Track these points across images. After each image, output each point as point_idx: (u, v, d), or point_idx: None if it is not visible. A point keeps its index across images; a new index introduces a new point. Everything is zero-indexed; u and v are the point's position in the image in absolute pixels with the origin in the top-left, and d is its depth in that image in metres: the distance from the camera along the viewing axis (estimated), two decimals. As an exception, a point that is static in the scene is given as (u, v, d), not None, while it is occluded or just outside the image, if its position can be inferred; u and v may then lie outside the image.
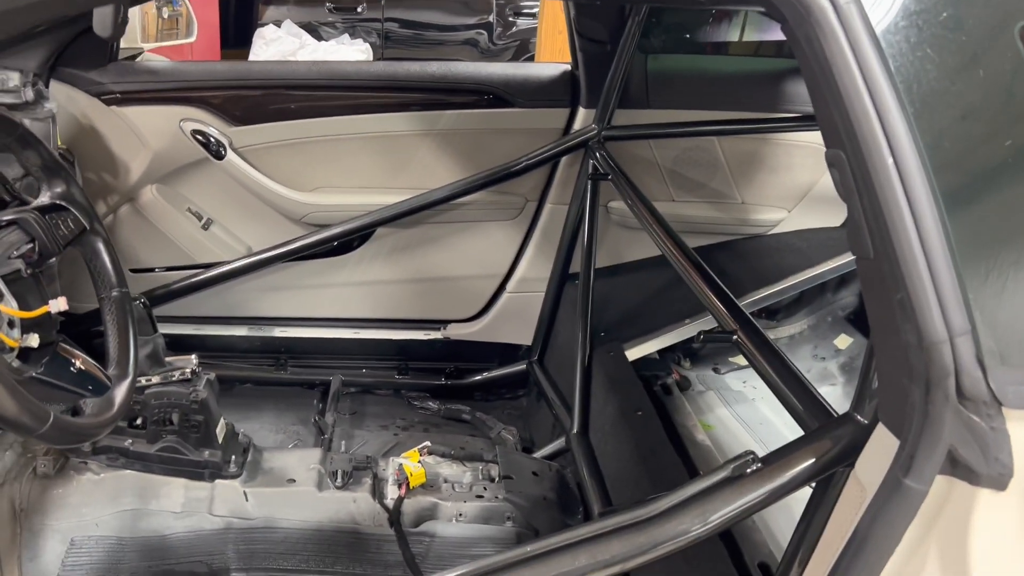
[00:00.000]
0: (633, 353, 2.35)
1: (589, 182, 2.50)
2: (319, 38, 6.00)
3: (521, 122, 2.60)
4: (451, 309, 2.91)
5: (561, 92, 2.61)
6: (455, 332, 2.90)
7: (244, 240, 2.71)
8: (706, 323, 2.44)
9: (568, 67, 2.64)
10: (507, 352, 2.93)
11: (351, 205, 2.64)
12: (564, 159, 2.63)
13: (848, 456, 1.04)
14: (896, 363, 0.93)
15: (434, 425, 2.77)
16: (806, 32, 0.91)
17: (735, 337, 1.40)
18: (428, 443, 2.12)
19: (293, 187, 2.63)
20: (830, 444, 1.05)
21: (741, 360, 2.83)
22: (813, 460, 1.05)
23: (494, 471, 2.05)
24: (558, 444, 2.26)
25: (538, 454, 2.27)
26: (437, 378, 2.92)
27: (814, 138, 2.63)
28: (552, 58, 5.17)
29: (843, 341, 2.71)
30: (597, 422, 2.16)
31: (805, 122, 2.54)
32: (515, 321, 2.86)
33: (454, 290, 2.86)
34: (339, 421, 2.66)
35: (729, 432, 2.33)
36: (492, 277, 2.85)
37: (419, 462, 1.99)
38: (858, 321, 2.73)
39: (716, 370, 2.76)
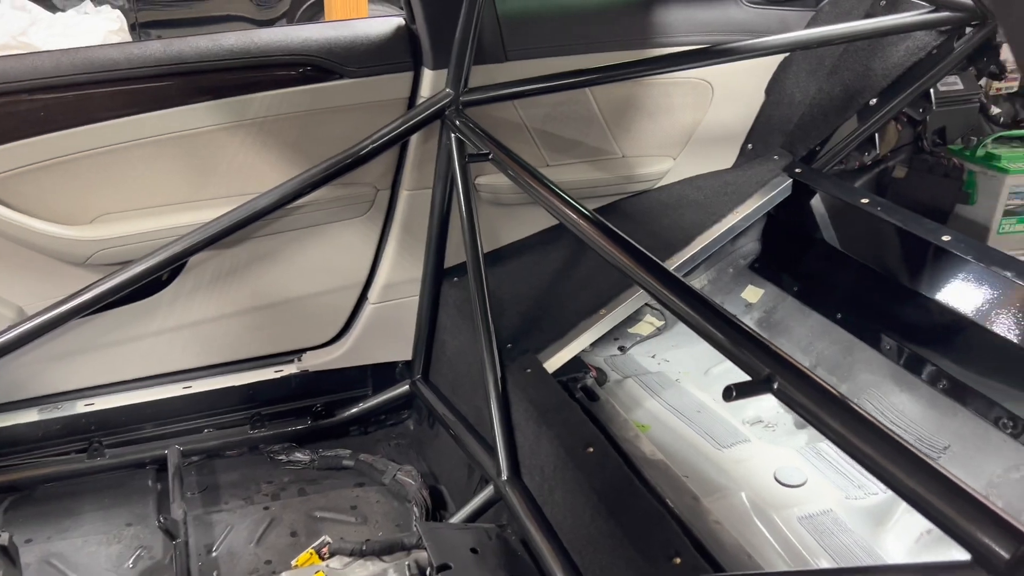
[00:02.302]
0: (551, 364, 1.95)
1: (456, 162, 2.04)
2: (53, 9, 4.97)
3: (354, 96, 2.10)
4: (304, 335, 2.37)
5: (398, 53, 2.11)
6: (313, 361, 2.38)
7: (11, 301, 2.03)
8: (625, 309, 2.09)
9: (401, 20, 2.13)
10: (381, 374, 2.45)
11: (150, 232, 2.04)
12: (415, 135, 2.14)
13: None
14: None
15: (310, 482, 2.26)
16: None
17: (775, 386, 1.03)
18: (327, 538, 1.63)
19: (66, 221, 1.99)
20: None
21: (642, 330, 2.53)
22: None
23: (422, 559, 1.60)
24: (485, 495, 1.83)
25: (461, 514, 1.83)
26: (301, 421, 2.39)
27: (693, 73, 2.31)
28: (344, 3, 4.53)
29: (752, 294, 2.46)
30: (532, 462, 1.76)
31: (683, 59, 2.18)
32: (386, 336, 2.37)
33: (304, 312, 2.32)
34: (189, 505, 2.09)
35: (670, 431, 2.01)
36: (348, 288, 2.34)
37: (326, 576, 1.51)
38: (764, 269, 2.48)
39: (622, 349, 2.44)
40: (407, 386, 2.38)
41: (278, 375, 2.35)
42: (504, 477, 1.79)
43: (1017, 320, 1.83)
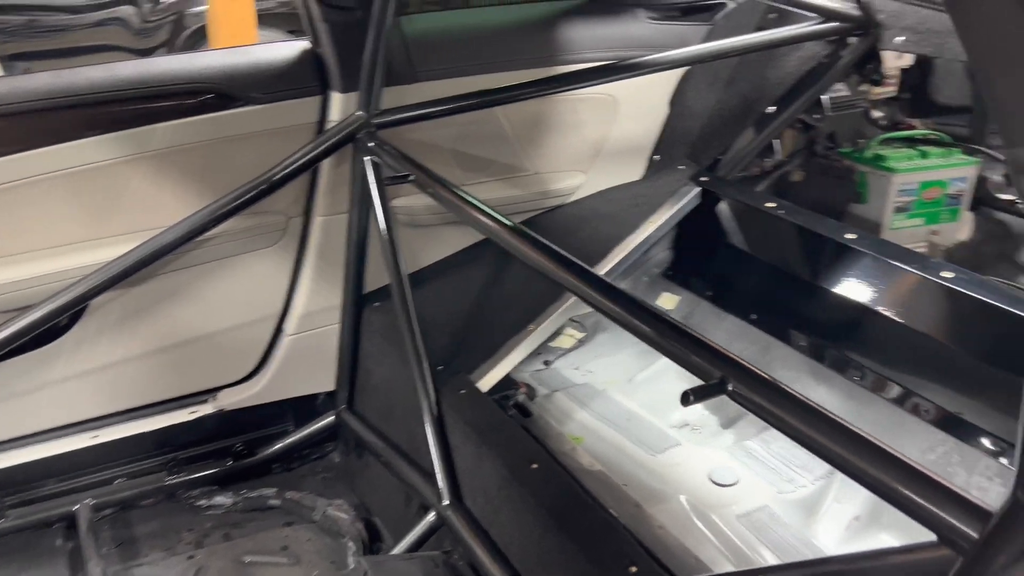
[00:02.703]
0: (484, 384, 1.94)
1: (373, 184, 2.01)
2: (-92, 42, 4.64)
3: (260, 122, 2.05)
4: (218, 373, 2.27)
5: (305, 77, 2.08)
6: (230, 399, 2.28)
7: None
8: (553, 323, 2.10)
9: (307, 44, 2.09)
10: (303, 407, 2.37)
11: (48, 275, 1.92)
12: (327, 160, 2.10)
13: None
14: None
15: (234, 525, 2.16)
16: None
17: (730, 388, 1.05)
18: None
19: (-47, 268, 1.84)
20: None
21: (563, 343, 2.54)
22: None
23: (371, 595, 1.55)
24: (426, 523, 1.79)
25: (402, 545, 1.79)
26: (220, 463, 2.28)
27: (599, 89, 2.35)
28: (231, 30, 4.42)
29: (669, 300, 2.51)
30: (474, 485, 1.74)
31: (589, 75, 2.22)
32: (305, 367, 2.30)
33: (217, 348, 2.23)
34: (106, 562, 1.97)
35: (604, 441, 2.02)
36: (263, 321, 2.26)
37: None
38: (677, 276, 2.54)
39: (547, 363, 2.44)
40: (332, 417, 2.31)
41: (193, 416, 2.24)
42: (445, 502, 1.76)
43: (919, 309, 1.94)
